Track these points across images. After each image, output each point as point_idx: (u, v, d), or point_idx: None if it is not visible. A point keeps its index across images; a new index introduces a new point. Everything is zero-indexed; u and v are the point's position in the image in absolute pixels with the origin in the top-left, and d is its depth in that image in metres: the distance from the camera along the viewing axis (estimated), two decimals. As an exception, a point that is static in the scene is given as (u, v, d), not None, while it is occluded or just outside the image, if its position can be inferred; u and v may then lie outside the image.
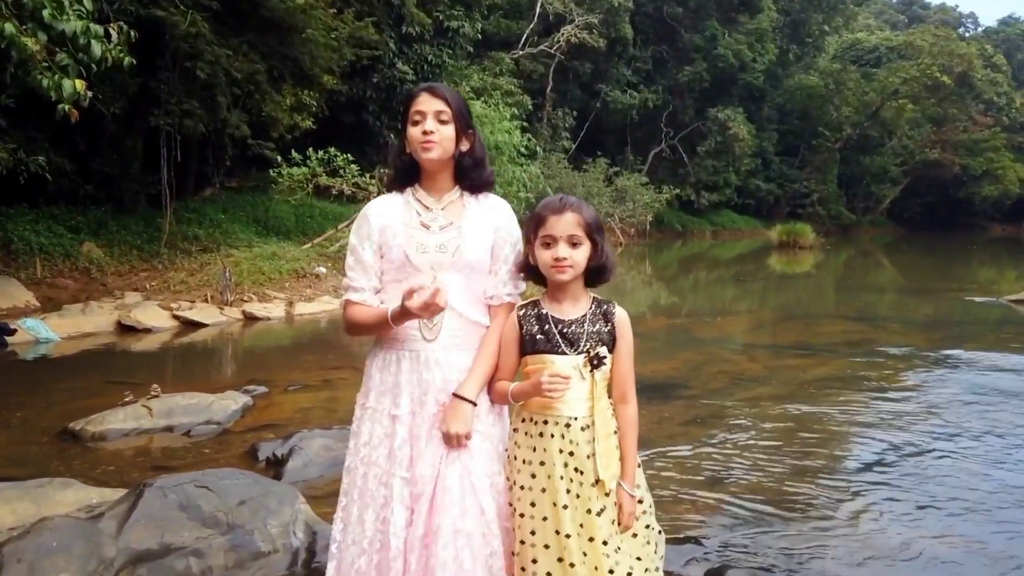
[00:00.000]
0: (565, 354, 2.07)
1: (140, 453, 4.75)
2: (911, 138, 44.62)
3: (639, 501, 2.14)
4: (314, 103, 14.07)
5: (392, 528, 2.04)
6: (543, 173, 21.30)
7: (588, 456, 2.05)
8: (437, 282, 2.06)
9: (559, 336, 2.09)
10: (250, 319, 9.93)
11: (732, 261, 24.71)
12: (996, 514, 3.90)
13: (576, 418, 2.06)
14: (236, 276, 10.78)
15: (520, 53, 26.31)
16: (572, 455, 2.05)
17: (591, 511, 2.03)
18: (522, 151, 17.49)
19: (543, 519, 2.05)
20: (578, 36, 26.67)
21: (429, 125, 2.11)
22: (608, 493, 2.05)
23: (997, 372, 7.33)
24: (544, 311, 2.13)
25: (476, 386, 2.11)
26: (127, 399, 5.32)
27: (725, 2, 35.35)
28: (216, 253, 12.21)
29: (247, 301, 10.40)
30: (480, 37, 21.32)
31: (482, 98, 18.84)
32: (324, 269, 12.45)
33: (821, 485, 4.28)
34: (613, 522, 2.06)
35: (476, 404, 2.10)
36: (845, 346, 8.92)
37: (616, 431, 2.12)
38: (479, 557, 2.02)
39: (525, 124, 19.75)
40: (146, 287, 10.83)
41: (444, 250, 2.14)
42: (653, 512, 2.23)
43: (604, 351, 2.08)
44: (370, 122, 18.24)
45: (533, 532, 2.05)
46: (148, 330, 8.87)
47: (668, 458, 4.64)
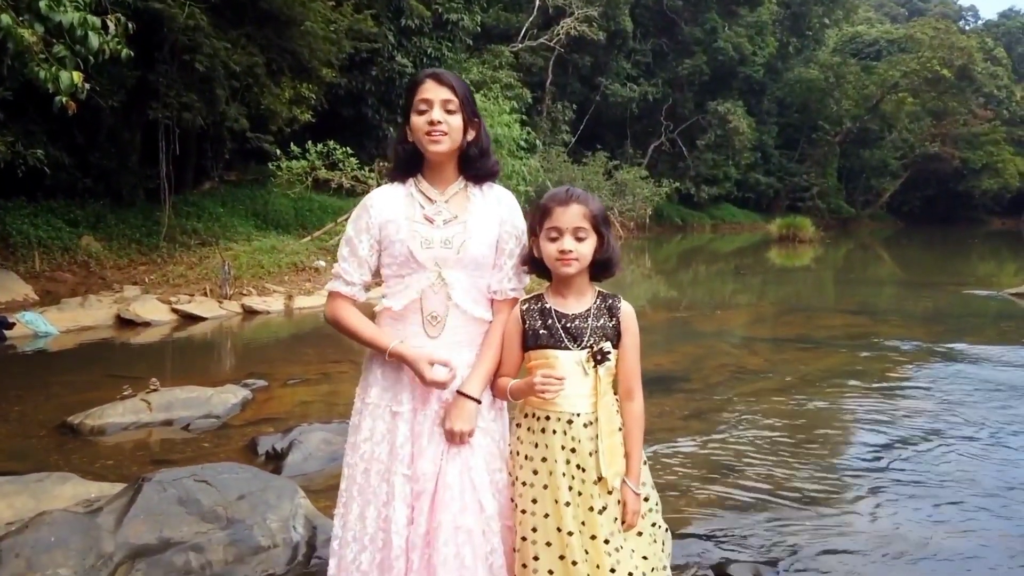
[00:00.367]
0: (568, 349, 2.03)
1: (139, 447, 4.73)
2: (911, 131, 44.47)
3: (645, 499, 2.10)
4: (313, 96, 14.01)
5: (394, 526, 2.02)
6: (543, 167, 21.22)
7: (590, 453, 2.01)
8: (454, 371, 2.04)
9: (562, 331, 2.05)
10: (249, 313, 9.91)
11: (732, 254, 24.68)
12: (1008, 507, 3.89)
13: (579, 414, 2.03)
14: (235, 270, 10.76)
15: (519, 46, 26.21)
16: (574, 452, 2.02)
17: (593, 509, 2.00)
18: (522, 144, 17.41)
19: (544, 516, 2.02)
20: (578, 29, 26.55)
21: (436, 115, 2.03)
22: (611, 491, 2.01)
23: (999, 365, 7.32)
24: (548, 305, 2.09)
25: (480, 383, 2.08)
26: (126, 393, 5.31)
27: (725, -5, 35.29)
28: (215, 247, 12.20)
29: (246, 295, 10.38)
30: (479, 30, 21.27)
31: (481, 91, 18.73)
32: (323, 262, 12.41)
33: (823, 478, 4.27)
34: (615, 520, 2.02)
35: (480, 402, 2.07)
36: (846, 339, 8.92)
37: (621, 428, 2.08)
38: (479, 554, 2.00)
39: (524, 117, 19.65)
40: (145, 281, 10.82)
41: (449, 246, 2.08)
42: (660, 510, 2.18)
43: (608, 346, 2.03)
44: (369, 115, 18.20)
45: (535, 529, 2.03)
46: (147, 324, 8.86)
47: (669, 451, 4.63)
